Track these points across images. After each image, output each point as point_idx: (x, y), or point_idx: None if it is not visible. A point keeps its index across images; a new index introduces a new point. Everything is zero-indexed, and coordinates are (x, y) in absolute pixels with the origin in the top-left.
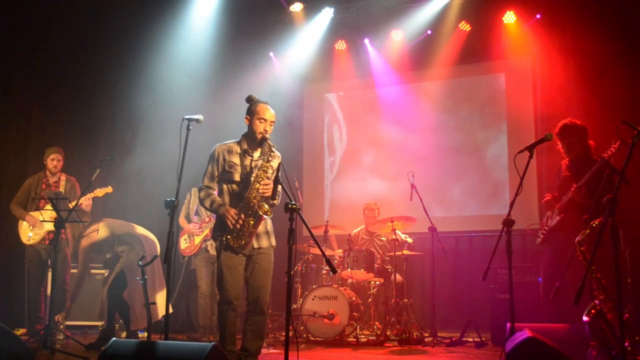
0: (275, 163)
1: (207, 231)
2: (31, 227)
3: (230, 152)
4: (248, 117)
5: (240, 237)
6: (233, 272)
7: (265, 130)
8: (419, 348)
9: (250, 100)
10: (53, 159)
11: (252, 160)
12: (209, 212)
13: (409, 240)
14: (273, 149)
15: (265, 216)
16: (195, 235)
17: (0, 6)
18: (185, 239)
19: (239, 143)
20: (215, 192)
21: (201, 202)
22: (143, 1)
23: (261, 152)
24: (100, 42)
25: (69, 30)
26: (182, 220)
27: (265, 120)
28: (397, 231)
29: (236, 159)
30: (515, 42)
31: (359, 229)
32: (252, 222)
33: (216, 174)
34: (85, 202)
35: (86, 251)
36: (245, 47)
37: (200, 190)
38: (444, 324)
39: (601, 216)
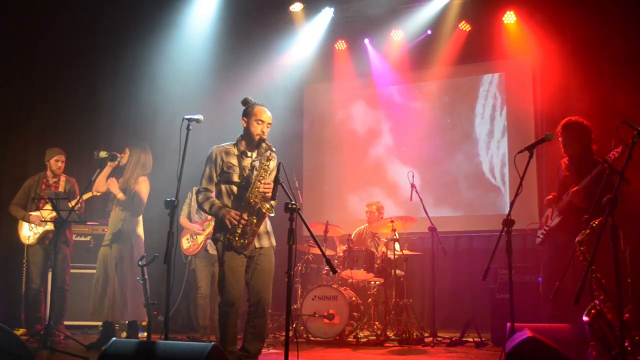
0: (273, 164)
1: (209, 229)
2: (31, 227)
3: (227, 153)
4: (245, 118)
5: (243, 237)
6: (235, 274)
7: (263, 132)
8: (419, 348)
9: (246, 102)
10: (57, 160)
11: (251, 161)
12: None
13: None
14: (272, 149)
15: (268, 214)
16: (197, 234)
17: (1, 8)
18: (187, 239)
19: (235, 145)
20: (214, 194)
21: (200, 205)
22: (142, 1)
23: (258, 154)
24: (99, 42)
25: (69, 31)
26: (183, 220)
27: (263, 121)
28: (396, 243)
29: (234, 160)
30: (515, 42)
31: (361, 227)
32: (255, 221)
33: (214, 175)
34: (79, 203)
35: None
36: (245, 47)
37: (198, 193)
38: (444, 324)
39: (601, 216)
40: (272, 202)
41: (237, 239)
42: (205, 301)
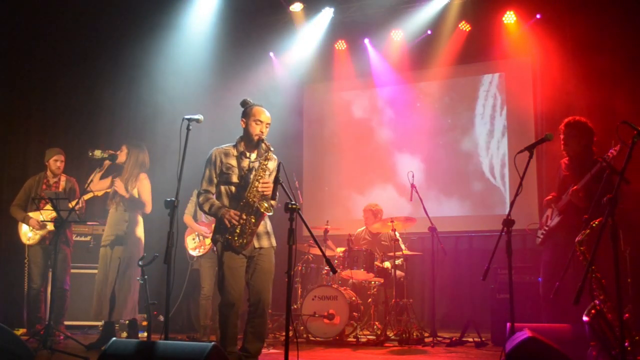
0: (272, 164)
1: None
2: (32, 229)
3: (227, 155)
4: (244, 119)
5: (242, 236)
6: (235, 274)
7: (262, 132)
8: (419, 348)
9: (245, 104)
10: (56, 160)
11: (249, 162)
12: None
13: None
14: (271, 149)
15: (266, 213)
16: (205, 237)
17: (1, 8)
18: (193, 238)
19: (235, 146)
20: (214, 196)
21: (200, 206)
22: (142, 2)
23: (257, 154)
24: (99, 42)
25: (69, 31)
26: (188, 218)
27: (262, 122)
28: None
29: (233, 161)
30: (515, 42)
31: (361, 229)
32: (253, 220)
33: (214, 177)
34: (80, 203)
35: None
36: (245, 47)
37: (199, 194)
38: (444, 324)
39: (601, 216)
40: (272, 202)
41: (236, 238)
42: (207, 301)
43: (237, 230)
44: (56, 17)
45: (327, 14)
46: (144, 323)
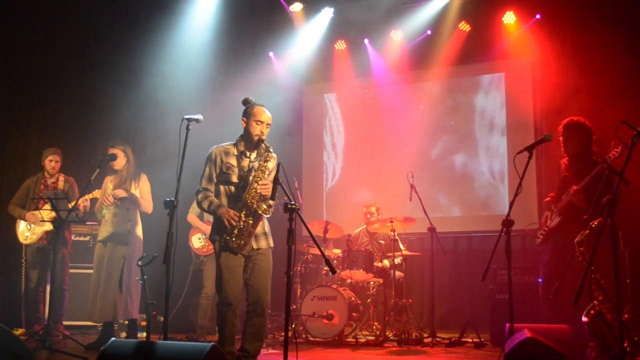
0: (271, 164)
1: None
2: (29, 227)
3: (227, 154)
4: (244, 119)
5: (240, 237)
6: (232, 273)
7: (262, 132)
8: (418, 348)
9: (246, 102)
10: (51, 160)
11: (249, 162)
12: None
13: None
14: (270, 150)
15: (264, 215)
16: None
17: (0, 7)
18: (199, 238)
19: (235, 145)
20: (212, 194)
21: (199, 204)
22: (143, 1)
23: (257, 154)
24: (99, 42)
25: (69, 31)
26: (193, 217)
27: (262, 122)
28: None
29: (233, 161)
30: (515, 42)
31: (359, 229)
32: (251, 222)
33: (214, 175)
34: (83, 203)
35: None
36: (245, 47)
37: (197, 192)
38: (443, 324)
39: (601, 217)
40: (271, 202)
41: (234, 239)
42: (207, 301)
43: (235, 232)
44: (56, 16)
45: (327, 14)
46: (143, 323)
